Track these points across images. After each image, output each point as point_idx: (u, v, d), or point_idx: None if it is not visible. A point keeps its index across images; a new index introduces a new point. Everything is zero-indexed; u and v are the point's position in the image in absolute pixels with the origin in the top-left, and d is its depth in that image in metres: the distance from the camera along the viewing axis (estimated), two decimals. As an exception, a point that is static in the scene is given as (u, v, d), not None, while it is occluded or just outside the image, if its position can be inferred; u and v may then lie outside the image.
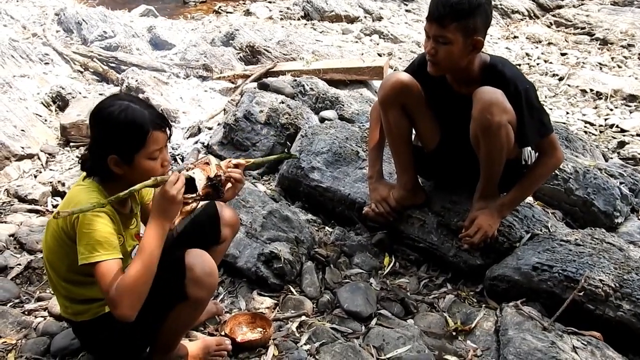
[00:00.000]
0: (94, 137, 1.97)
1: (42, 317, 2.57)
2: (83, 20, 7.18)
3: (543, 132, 2.52)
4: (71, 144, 4.60)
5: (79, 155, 4.24)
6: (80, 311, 2.02)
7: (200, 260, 1.95)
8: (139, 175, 1.92)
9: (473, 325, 2.46)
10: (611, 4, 8.72)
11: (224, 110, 4.77)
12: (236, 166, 2.14)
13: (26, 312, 2.60)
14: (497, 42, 7.41)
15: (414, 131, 2.88)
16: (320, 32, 7.75)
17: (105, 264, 1.81)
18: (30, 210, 3.58)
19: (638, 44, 6.95)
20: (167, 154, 2.01)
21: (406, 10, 8.78)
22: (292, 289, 2.72)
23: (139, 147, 1.89)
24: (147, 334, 2.06)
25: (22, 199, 3.71)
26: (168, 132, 1.98)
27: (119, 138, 1.88)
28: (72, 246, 1.87)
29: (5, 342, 2.40)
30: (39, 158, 4.38)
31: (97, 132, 1.96)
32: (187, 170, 1.99)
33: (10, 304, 2.66)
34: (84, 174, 2.00)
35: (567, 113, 5.18)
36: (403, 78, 2.66)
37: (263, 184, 3.66)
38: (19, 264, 2.93)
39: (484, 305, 2.62)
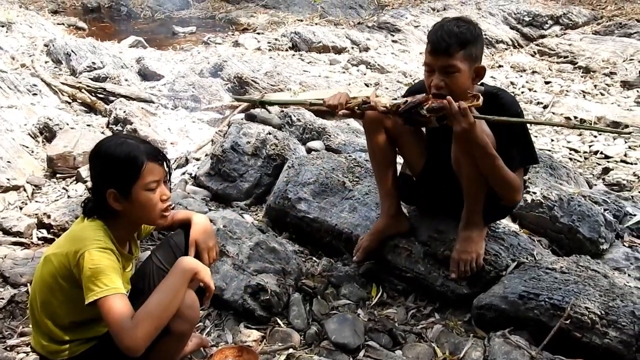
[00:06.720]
0: (93, 174, 2.05)
1: (24, 352, 2.54)
2: (72, 51, 7.23)
3: (526, 159, 2.58)
4: (57, 175, 4.58)
5: (81, 195, 4.22)
6: (57, 350, 2.01)
7: None
8: (138, 210, 2.00)
9: (462, 355, 2.45)
10: (592, 34, 8.86)
11: (212, 141, 4.78)
12: None
13: (8, 348, 2.57)
14: (482, 71, 7.50)
15: (400, 159, 2.90)
16: (308, 63, 7.83)
17: (111, 298, 1.83)
18: (14, 243, 3.54)
19: (620, 72, 7.04)
20: (168, 189, 2.07)
21: (392, 41, 8.89)
22: (279, 321, 2.70)
23: (135, 178, 1.95)
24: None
25: (6, 232, 3.67)
26: (165, 167, 2.04)
27: (115, 170, 1.96)
28: (71, 288, 1.91)
29: (-13, 379, 2.36)
30: (24, 190, 4.35)
31: (95, 168, 2.03)
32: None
33: (-7, 339, 2.62)
34: (81, 216, 2.05)
35: (552, 140, 5.22)
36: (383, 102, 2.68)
37: (250, 215, 3.65)
38: (2, 298, 2.89)
39: (472, 334, 2.61)
